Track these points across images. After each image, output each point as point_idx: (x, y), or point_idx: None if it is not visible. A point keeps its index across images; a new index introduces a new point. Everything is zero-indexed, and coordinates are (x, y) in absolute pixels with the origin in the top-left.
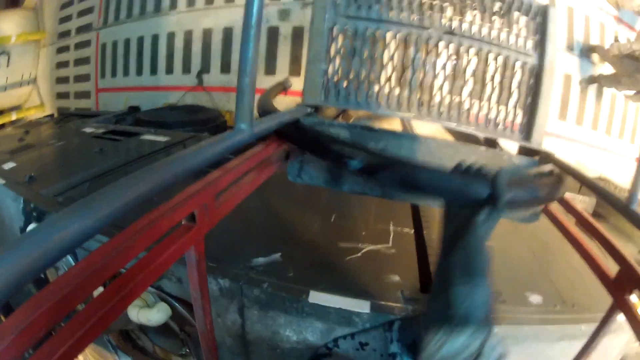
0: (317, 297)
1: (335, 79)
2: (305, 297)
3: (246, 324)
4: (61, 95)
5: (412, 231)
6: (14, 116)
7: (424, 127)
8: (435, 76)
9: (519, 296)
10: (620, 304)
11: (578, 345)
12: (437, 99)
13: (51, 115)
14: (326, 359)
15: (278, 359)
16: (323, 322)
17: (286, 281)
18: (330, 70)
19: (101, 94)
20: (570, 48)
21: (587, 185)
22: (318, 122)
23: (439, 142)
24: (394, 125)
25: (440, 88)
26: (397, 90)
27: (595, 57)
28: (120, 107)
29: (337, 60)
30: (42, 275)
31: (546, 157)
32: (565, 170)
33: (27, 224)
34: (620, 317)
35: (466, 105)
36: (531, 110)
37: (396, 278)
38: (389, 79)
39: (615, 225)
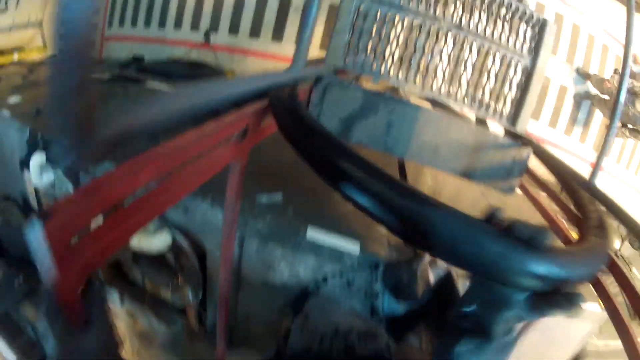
0: (313, 234)
1: (355, 49)
2: (303, 233)
3: (244, 256)
4: None
5: None
6: (15, 57)
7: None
8: (440, 61)
9: None
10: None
11: None
12: (440, 79)
13: (54, 56)
14: (313, 298)
15: (267, 294)
16: (315, 258)
17: (286, 218)
18: (351, 41)
19: (106, 42)
20: (570, 62)
21: (554, 165)
22: (337, 82)
23: (436, 114)
24: None
25: (444, 71)
26: (405, 67)
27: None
28: (125, 56)
29: (359, 34)
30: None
31: (527, 142)
32: (538, 152)
33: (29, 154)
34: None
35: (464, 89)
36: (519, 102)
37: (383, 229)
38: (400, 57)
39: None
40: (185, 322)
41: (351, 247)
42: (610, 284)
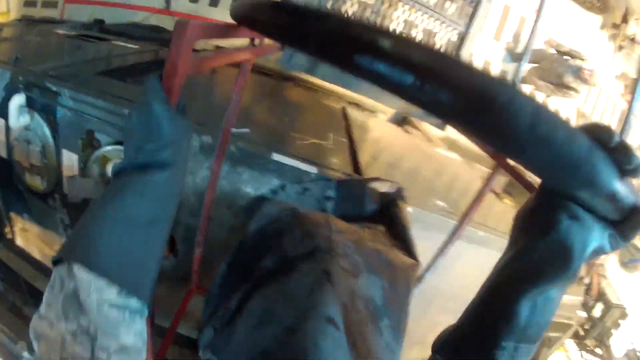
0: (279, 156)
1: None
2: (270, 155)
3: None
4: (29, 4)
5: (347, 141)
6: None
7: None
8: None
9: (428, 201)
10: (502, 163)
11: (474, 249)
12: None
13: (19, 20)
14: (266, 202)
15: (231, 217)
16: (279, 179)
17: (255, 145)
18: None
19: (68, 4)
20: (497, 39)
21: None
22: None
23: None
24: None
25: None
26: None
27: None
28: (86, 20)
29: None
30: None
31: None
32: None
33: (6, 99)
34: None
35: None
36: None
37: (335, 160)
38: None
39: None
40: None
41: (310, 167)
42: None
